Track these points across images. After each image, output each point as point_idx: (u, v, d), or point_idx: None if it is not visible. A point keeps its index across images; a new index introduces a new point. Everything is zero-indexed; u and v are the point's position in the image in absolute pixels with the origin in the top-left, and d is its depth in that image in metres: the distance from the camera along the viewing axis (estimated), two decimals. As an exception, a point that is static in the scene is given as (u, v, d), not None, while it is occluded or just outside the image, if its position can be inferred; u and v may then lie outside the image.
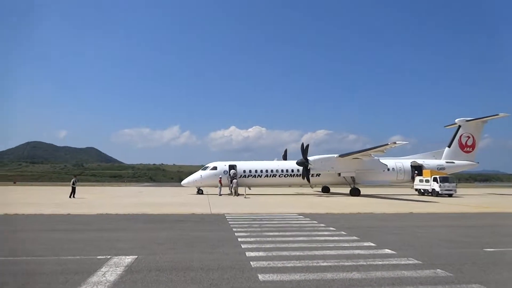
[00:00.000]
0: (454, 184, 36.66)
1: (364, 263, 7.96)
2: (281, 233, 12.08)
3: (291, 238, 11.08)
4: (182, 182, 40.28)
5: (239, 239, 10.88)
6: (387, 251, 9.30)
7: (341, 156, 37.44)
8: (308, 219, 16.39)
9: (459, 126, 43.63)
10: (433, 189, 36.09)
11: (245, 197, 32.88)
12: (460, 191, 38.09)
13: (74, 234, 11.98)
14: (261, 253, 8.89)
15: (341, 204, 26.07)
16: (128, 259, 8.17)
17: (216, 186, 36.88)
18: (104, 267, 7.45)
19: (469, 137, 43.35)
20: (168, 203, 26.07)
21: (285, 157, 46.76)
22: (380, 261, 8.10)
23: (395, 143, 34.56)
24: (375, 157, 39.15)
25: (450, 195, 35.55)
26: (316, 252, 9.03)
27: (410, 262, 8.08)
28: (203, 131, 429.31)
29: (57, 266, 7.61)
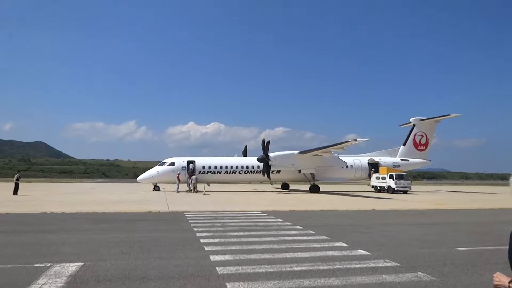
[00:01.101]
0: (409, 181, 37.70)
1: (341, 266, 7.31)
2: (246, 233, 11.28)
3: (257, 239, 10.30)
4: (138, 178, 38.42)
5: (202, 241, 9.95)
6: (361, 252, 8.76)
7: (302, 152, 37.29)
8: (273, 217, 15.72)
9: (414, 125, 44.94)
10: (389, 186, 36.80)
11: (204, 194, 31.82)
12: (413, 188, 39.27)
13: (10, 237, 10.46)
14: (227, 257, 8.02)
15: (303, 201, 25.72)
16: (73, 267, 6.99)
17: (174, 183, 35.46)
18: (41, 279, 6.24)
19: (422, 136, 44.75)
20: (121, 200, 24.44)
21: (245, 154, 46.04)
22: (357, 264, 7.49)
23: (355, 140, 34.91)
24: (335, 154, 39.42)
25: (405, 192, 36.47)
26: (288, 255, 8.30)
27: (388, 264, 7.55)
28: (161, 126, 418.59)
29: (-18, 278, 6.31)
